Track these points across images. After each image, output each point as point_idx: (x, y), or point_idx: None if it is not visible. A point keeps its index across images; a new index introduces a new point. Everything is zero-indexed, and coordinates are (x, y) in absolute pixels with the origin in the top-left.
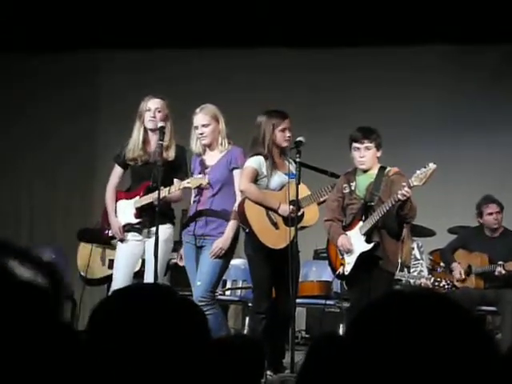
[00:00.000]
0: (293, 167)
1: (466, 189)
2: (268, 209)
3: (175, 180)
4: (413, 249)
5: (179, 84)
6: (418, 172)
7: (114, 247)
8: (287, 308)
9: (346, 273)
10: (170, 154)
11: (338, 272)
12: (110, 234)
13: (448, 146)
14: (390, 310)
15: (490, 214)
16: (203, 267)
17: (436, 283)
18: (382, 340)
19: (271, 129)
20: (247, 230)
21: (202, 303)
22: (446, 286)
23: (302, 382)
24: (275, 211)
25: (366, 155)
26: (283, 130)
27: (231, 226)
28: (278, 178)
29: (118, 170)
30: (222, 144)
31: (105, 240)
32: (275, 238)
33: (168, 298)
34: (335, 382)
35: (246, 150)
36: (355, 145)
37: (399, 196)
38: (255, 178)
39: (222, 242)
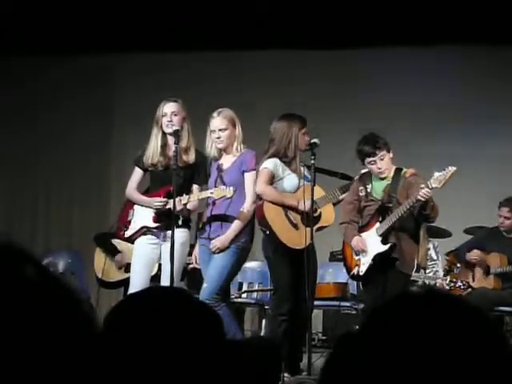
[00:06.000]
0: (306, 170)
1: (482, 189)
2: (287, 207)
3: (195, 187)
4: (428, 249)
5: (193, 86)
6: (436, 174)
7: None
8: (305, 310)
9: (361, 273)
10: (190, 157)
11: (352, 272)
12: (125, 235)
13: (463, 146)
14: (402, 311)
15: (499, 216)
16: (211, 270)
17: (452, 284)
18: (393, 341)
19: (296, 132)
20: (267, 232)
21: (208, 303)
22: (462, 287)
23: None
24: (295, 209)
25: (383, 164)
26: (304, 134)
27: (233, 227)
28: (294, 181)
29: (138, 173)
30: (237, 149)
31: (112, 248)
32: (296, 238)
33: (182, 301)
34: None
35: (258, 152)
36: (369, 159)
37: (419, 197)
38: (271, 181)
39: (220, 241)
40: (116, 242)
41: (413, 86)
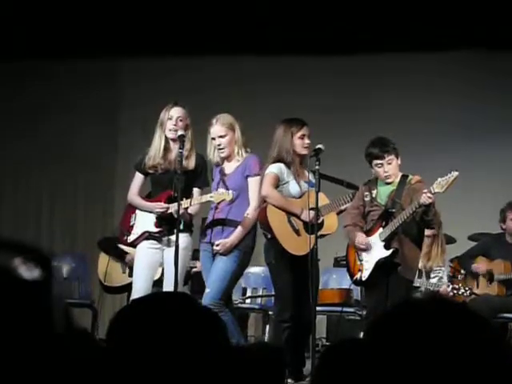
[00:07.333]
0: (312, 176)
1: (486, 196)
2: (290, 214)
3: (195, 190)
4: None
5: (198, 91)
6: (439, 179)
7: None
8: (308, 316)
9: (364, 278)
10: (190, 164)
11: (355, 278)
12: (128, 241)
13: (468, 152)
14: (405, 319)
15: (511, 220)
16: (214, 274)
17: (455, 291)
18: (397, 348)
19: (289, 136)
20: (269, 236)
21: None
22: (465, 294)
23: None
24: (297, 217)
25: (390, 169)
26: (302, 137)
27: (237, 233)
28: (298, 186)
29: (139, 178)
30: (238, 153)
31: (121, 252)
32: (297, 245)
33: (186, 307)
34: None
35: (264, 157)
36: (377, 162)
37: (421, 201)
38: (276, 184)
39: (223, 245)
40: (120, 246)
41: (413, 98)
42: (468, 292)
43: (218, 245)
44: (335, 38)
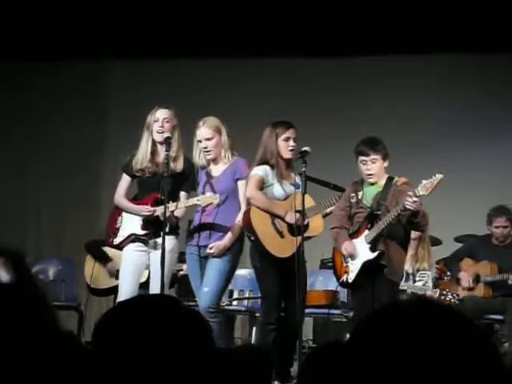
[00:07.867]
0: (299, 178)
1: (473, 197)
2: (274, 216)
3: (182, 194)
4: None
5: (188, 94)
6: (424, 182)
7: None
8: (295, 318)
9: (350, 280)
10: (178, 166)
11: (341, 280)
12: (114, 243)
13: (455, 154)
14: (391, 320)
15: (497, 227)
16: (211, 278)
17: (442, 296)
18: (382, 350)
19: (274, 138)
20: (252, 238)
21: (211, 310)
22: (453, 300)
23: None
24: (282, 219)
25: (373, 168)
26: (286, 140)
27: (228, 237)
28: (284, 188)
29: (126, 180)
30: (225, 156)
31: (104, 257)
32: (280, 247)
33: (171, 309)
34: None
35: (253, 160)
36: (362, 158)
37: (408, 206)
38: (261, 186)
39: (217, 248)
40: (106, 249)
41: (413, 99)
42: (455, 297)
43: (211, 248)
44: (335, 39)
